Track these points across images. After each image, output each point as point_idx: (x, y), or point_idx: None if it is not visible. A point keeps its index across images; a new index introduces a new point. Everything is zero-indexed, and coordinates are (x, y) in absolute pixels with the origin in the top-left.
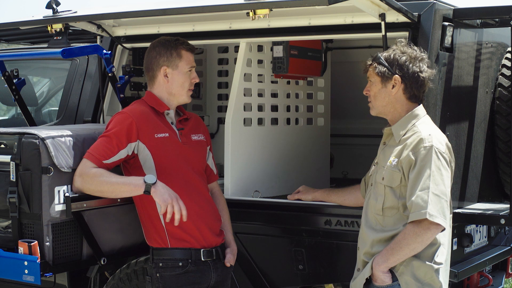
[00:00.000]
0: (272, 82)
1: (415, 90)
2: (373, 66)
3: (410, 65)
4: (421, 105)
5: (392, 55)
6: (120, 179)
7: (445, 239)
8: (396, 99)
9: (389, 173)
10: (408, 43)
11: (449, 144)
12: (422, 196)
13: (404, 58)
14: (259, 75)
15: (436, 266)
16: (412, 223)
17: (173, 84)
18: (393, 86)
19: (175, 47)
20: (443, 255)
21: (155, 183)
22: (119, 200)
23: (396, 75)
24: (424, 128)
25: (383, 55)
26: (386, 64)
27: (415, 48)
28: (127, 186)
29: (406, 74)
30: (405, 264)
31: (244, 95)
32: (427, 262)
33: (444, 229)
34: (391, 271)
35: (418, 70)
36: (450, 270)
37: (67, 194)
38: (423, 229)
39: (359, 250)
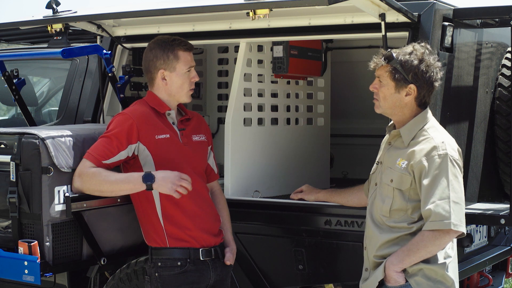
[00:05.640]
0: (272, 82)
1: (427, 98)
2: (387, 69)
3: (427, 74)
4: (428, 107)
5: (409, 62)
6: (119, 177)
7: None
8: (407, 104)
9: (398, 175)
10: (425, 45)
11: (460, 149)
12: (443, 206)
13: (422, 67)
14: (259, 75)
15: (445, 261)
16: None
17: (171, 86)
18: (407, 94)
19: (172, 49)
20: (453, 249)
21: (154, 180)
22: (119, 200)
23: (412, 85)
24: (437, 135)
25: (399, 58)
26: (403, 72)
27: (431, 51)
28: (127, 185)
29: (423, 84)
30: (415, 264)
31: (244, 95)
32: (436, 263)
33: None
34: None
35: (434, 79)
36: None
37: (67, 194)
38: (443, 233)
39: (366, 250)
